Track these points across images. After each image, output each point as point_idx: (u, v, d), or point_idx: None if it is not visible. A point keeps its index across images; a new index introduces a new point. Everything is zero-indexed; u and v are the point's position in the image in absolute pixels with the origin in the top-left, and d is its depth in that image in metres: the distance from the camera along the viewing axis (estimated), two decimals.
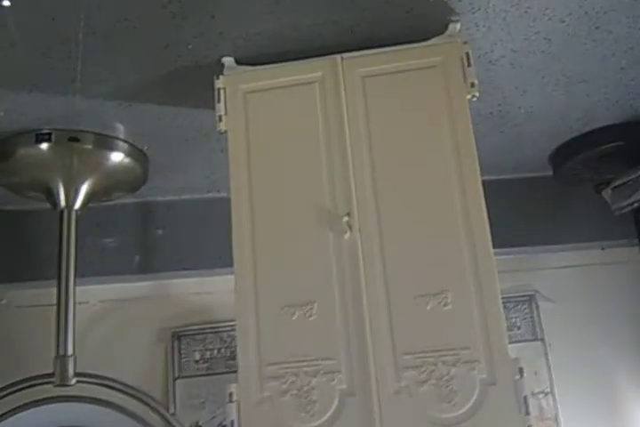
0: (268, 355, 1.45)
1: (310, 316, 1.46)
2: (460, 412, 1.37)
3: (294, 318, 1.46)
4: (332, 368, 1.42)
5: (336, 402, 1.40)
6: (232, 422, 1.41)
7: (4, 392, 1.87)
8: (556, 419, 2.27)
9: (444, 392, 1.38)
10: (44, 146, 1.91)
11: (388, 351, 1.41)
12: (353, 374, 1.41)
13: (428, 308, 1.43)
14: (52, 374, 1.88)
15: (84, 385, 1.90)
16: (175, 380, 2.27)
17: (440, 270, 1.46)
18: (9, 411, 1.84)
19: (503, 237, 2.19)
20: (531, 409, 1.35)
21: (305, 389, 1.41)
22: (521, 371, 1.38)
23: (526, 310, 2.41)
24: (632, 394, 2.28)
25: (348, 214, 1.50)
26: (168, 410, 2.06)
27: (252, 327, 1.47)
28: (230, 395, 1.43)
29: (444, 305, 1.43)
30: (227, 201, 1.60)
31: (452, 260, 1.46)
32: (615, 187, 2.25)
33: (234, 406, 1.42)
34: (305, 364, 1.43)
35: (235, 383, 1.44)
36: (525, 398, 1.36)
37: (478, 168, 1.51)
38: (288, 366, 1.43)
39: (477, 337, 1.40)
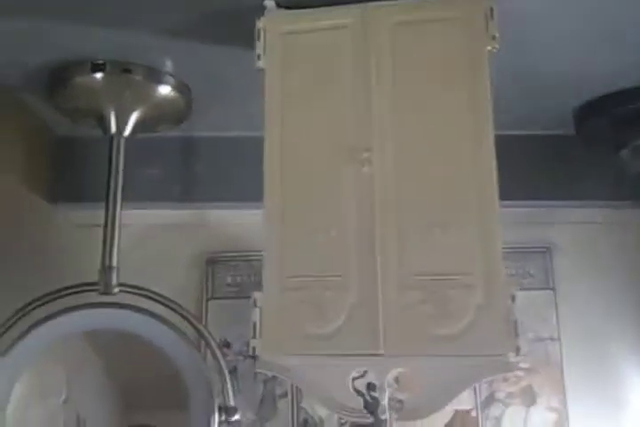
0: (289, 269, 1.59)
1: (328, 238, 1.60)
2: (455, 330, 1.50)
3: (314, 238, 1.60)
4: (345, 283, 1.56)
5: (345, 312, 1.55)
6: (254, 324, 1.56)
7: (53, 296, 2.03)
8: (560, 364, 2.41)
9: (441, 312, 1.51)
10: (99, 75, 2.01)
11: (394, 272, 1.55)
12: (362, 289, 1.55)
13: (434, 236, 1.56)
14: (97, 283, 2.04)
15: (126, 295, 2.05)
16: (208, 300, 2.46)
17: (448, 205, 1.58)
18: (56, 312, 1.99)
19: (522, 191, 2.32)
20: (519, 332, 1.48)
21: (320, 299, 1.56)
22: (513, 297, 1.50)
23: (540, 261, 2.51)
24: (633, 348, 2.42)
25: (368, 150, 1.62)
26: (201, 322, 2.20)
27: (277, 245, 1.61)
28: (255, 301, 1.58)
29: (449, 235, 1.55)
30: (263, 140, 1.69)
31: (460, 197, 1.58)
32: (635, 147, 2.30)
33: (257, 310, 1.57)
34: (321, 278, 1.58)
35: (259, 291, 1.59)
36: (515, 322, 1.48)
37: (491, 113, 1.59)
38: (306, 280, 1.58)
39: (476, 265, 1.53)
